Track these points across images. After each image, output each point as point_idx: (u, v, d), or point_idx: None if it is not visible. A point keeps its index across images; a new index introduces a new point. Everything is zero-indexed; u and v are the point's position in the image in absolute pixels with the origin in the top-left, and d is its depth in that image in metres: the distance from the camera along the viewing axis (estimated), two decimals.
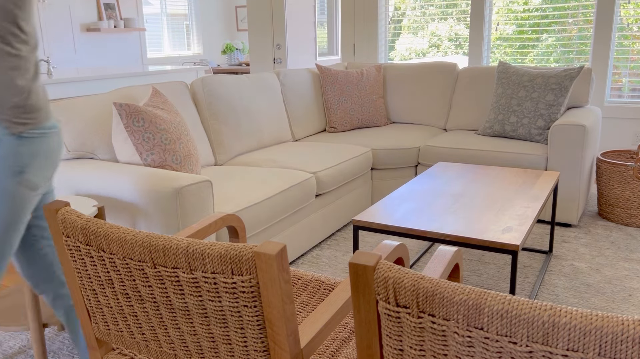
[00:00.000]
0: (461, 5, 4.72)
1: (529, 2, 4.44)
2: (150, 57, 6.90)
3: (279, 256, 0.87)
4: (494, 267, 2.76)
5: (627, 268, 2.69)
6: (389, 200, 2.38)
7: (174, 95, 2.94)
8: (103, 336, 1.20)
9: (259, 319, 0.93)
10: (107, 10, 6.18)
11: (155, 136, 2.26)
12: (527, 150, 3.27)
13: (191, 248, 0.93)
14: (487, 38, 4.63)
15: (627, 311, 2.31)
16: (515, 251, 1.88)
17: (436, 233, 2.01)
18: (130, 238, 0.99)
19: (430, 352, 0.77)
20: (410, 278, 0.75)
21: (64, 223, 1.09)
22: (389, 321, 0.79)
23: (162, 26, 7.13)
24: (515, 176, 2.72)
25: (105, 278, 1.08)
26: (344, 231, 3.31)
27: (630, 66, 4.14)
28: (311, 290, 1.62)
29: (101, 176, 2.15)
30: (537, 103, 3.43)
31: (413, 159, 3.54)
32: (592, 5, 4.18)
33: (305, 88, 3.94)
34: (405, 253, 1.28)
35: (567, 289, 2.50)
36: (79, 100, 2.45)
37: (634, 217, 3.24)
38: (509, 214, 2.17)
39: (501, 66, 3.69)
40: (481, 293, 0.70)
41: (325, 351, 1.33)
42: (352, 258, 0.81)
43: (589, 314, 0.64)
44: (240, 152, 3.28)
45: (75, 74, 4.09)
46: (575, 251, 2.91)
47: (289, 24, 5.17)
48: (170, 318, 1.03)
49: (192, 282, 0.95)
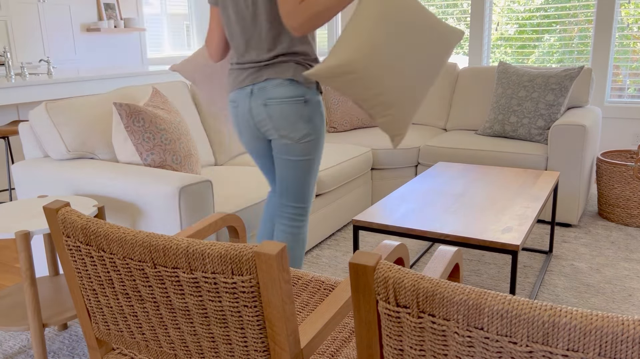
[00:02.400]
0: (461, 5, 4.72)
1: (529, 2, 4.44)
2: (151, 57, 6.90)
3: (279, 256, 0.87)
4: (494, 267, 2.76)
5: (627, 268, 2.69)
6: (389, 200, 2.38)
7: (174, 95, 2.95)
8: (103, 336, 1.20)
9: (259, 319, 0.93)
10: (107, 10, 6.18)
11: (155, 136, 2.26)
12: (527, 150, 3.27)
13: (191, 248, 0.93)
14: (487, 38, 4.64)
15: (627, 311, 2.31)
16: (515, 251, 1.88)
17: (436, 233, 2.01)
18: (130, 238, 0.99)
19: (430, 352, 0.77)
20: (410, 278, 0.75)
21: (64, 223, 1.09)
22: (389, 321, 0.79)
23: (162, 26, 7.13)
24: (515, 176, 2.72)
25: (105, 278, 1.08)
26: (344, 231, 3.31)
27: (631, 66, 4.14)
28: (311, 290, 1.62)
29: (101, 176, 2.15)
30: (537, 103, 3.43)
31: (413, 159, 3.54)
32: (592, 5, 4.18)
33: None
34: (405, 253, 1.28)
35: (567, 289, 2.50)
36: (79, 100, 2.45)
37: (634, 217, 3.24)
38: (509, 214, 2.17)
39: (501, 66, 3.69)
40: (481, 293, 0.70)
41: (325, 351, 1.33)
42: (352, 258, 0.81)
43: (589, 314, 0.64)
44: (241, 152, 3.28)
45: (75, 74, 4.09)
46: (575, 251, 2.91)
47: None
48: (170, 318, 1.03)
49: (192, 282, 0.95)
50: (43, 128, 2.34)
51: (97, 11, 6.15)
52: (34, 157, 2.50)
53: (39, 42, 5.59)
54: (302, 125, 1.83)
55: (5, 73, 3.85)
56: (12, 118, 3.86)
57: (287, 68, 1.81)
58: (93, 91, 4.03)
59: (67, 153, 2.35)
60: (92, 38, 6.13)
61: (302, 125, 1.83)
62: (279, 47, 1.80)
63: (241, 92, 1.88)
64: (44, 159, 2.43)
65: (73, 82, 3.89)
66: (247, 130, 1.93)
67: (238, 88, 1.89)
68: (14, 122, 3.56)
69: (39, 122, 2.34)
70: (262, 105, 1.82)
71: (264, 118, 1.84)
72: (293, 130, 1.83)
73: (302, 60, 1.83)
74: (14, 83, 3.49)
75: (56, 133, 2.33)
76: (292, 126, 1.83)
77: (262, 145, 1.96)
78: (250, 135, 1.94)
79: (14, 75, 3.87)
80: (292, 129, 1.83)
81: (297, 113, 1.81)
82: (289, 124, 1.82)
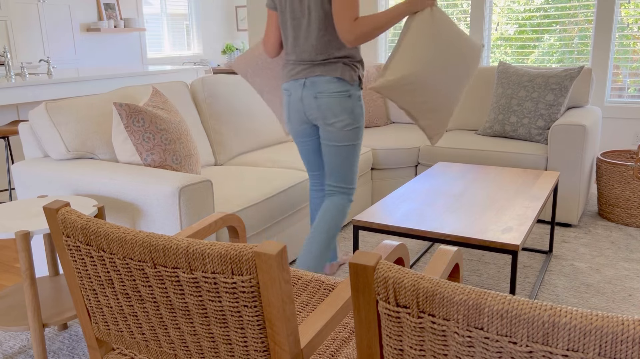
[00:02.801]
0: (461, 5, 4.71)
1: (529, 2, 4.44)
2: (151, 57, 6.90)
3: (279, 256, 0.87)
4: (494, 267, 2.76)
5: (627, 268, 2.69)
6: (389, 200, 2.38)
7: (174, 95, 2.95)
8: (103, 336, 1.20)
9: (259, 319, 0.93)
10: (107, 10, 6.18)
11: (155, 136, 2.26)
12: (527, 150, 3.27)
13: (191, 248, 0.93)
14: (487, 38, 4.64)
15: (627, 311, 2.31)
16: (515, 251, 1.88)
17: (436, 233, 2.02)
18: (130, 238, 0.99)
19: (430, 352, 0.77)
20: (410, 278, 0.75)
21: (64, 223, 1.09)
22: (389, 321, 0.79)
23: (162, 26, 7.13)
24: (515, 176, 2.72)
25: (105, 278, 1.08)
26: (344, 231, 3.31)
27: (631, 66, 4.14)
28: (311, 290, 1.62)
29: (101, 176, 2.15)
30: (537, 103, 3.43)
31: (413, 159, 3.54)
32: (592, 5, 4.19)
33: None
34: (405, 253, 1.28)
35: (567, 289, 2.50)
36: (79, 100, 2.45)
37: (634, 217, 3.24)
38: (509, 214, 2.17)
39: (501, 66, 3.69)
40: (481, 293, 0.70)
41: (325, 351, 1.33)
42: (352, 258, 0.81)
43: (589, 314, 0.64)
44: (240, 152, 3.28)
45: (75, 74, 4.09)
46: (575, 251, 2.91)
47: None
48: (170, 318, 1.03)
49: (192, 282, 0.95)
50: (43, 128, 2.34)
51: (97, 11, 6.15)
52: (34, 157, 2.50)
53: (39, 42, 5.59)
54: (346, 115, 2.18)
55: (5, 73, 3.85)
56: (12, 118, 3.86)
57: (335, 68, 2.16)
58: (93, 91, 4.03)
59: (67, 153, 2.35)
60: (92, 38, 6.13)
61: (345, 116, 2.18)
62: (329, 50, 2.16)
63: (295, 83, 2.23)
64: (43, 159, 2.43)
65: (73, 82, 3.88)
66: (296, 114, 2.29)
67: (292, 80, 2.24)
68: (14, 122, 3.56)
69: (39, 122, 2.34)
70: (312, 97, 2.19)
71: (313, 107, 2.20)
72: (337, 119, 2.18)
73: (348, 61, 2.18)
74: (14, 83, 3.49)
75: (56, 133, 2.33)
76: (337, 116, 2.18)
77: (307, 127, 2.32)
78: (298, 118, 2.29)
79: (14, 75, 3.87)
80: (337, 119, 2.18)
81: (341, 105, 2.17)
82: (334, 114, 2.18)
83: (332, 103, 2.16)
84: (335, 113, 2.17)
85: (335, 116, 2.18)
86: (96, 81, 4.05)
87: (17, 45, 5.39)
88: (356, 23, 2.03)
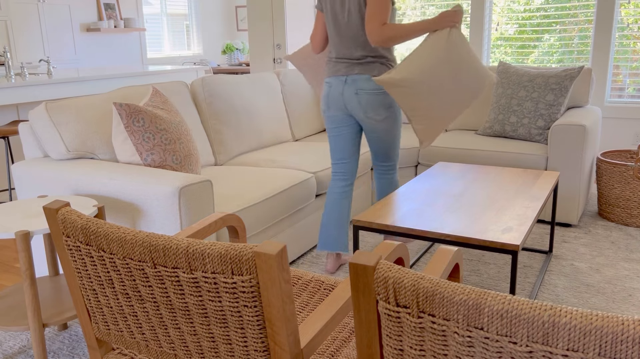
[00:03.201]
0: (462, 5, 4.71)
1: (529, 2, 4.44)
2: (151, 57, 6.90)
3: (279, 256, 0.87)
4: (494, 267, 2.76)
5: (627, 268, 2.69)
6: (389, 200, 2.38)
7: (174, 95, 2.95)
8: (103, 336, 1.20)
9: (259, 319, 0.93)
10: (107, 10, 6.18)
11: (155, 136, 2.26)
12: (527, 150, 3.27)
13: (191, 248, 0.93)
14: (487, 38, 4.63)
15: (627, 311, 2.31)
16: (515, 251, 1.88)
17: (436, 233, 2.02)
18: (130, 238, 0.99)
19: (430, 352, 0.77)
20: (410, 278, 0.75)
21: (64, 223, 1.09)
22: (389, 321, 0.79)
23: (162, 26, 7.13)
24: (515, 176, 2.72)
25: (105, 278, 1.08)
26: None
27: (631, 66, 4.14)
28: (311, 290, 1.62)
29: (101, 176, 2.15)
30: (537, 103, 3.43)
31: (413, 159, 3.54)
32: (592, 5, 4.18)
33: (306, 89, 3.94)
34: (405, 253, 1.28)
35: (567, 289, 2.50)
36: (79, 100, 2.45)
37: (634, 217, 3.24)
38: (509, 214, 2.17)
39: (501, 66, 3.69)
40: (481, 293, 0.70)
41: (325, 351, 1.33)
42: (352, 258, 0.81)
43: (589, 314, 0.64)
44: (240, 152, 3.28)
45: (75, 74, 4.09)
46: (575, 251, 2.91)
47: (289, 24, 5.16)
48: (170, 318, 1.03)
49: (192, 282, 0.95)
50: (43, 128, 2.34)
51: (97, 11, 6.15)
52: (34, 156, 2.50)
53: (39, 42, 5.59)
54: (383, 110, 2.48)
55: (5, 73, 3.85)
56: (12, 118, 3.86)
57: (373, 67, 2.44)
58: (93, 91, 4.03)
59: (67, 153, 2.35)
60: (92, 38, 6.13)
61: (383, 110, 2.48)
62: (367, 50, 2.43)
63: (336, 79, 2.50)
64: (44, 159, 2.43)
65: (73, 82, 3.89)
66: (334, 104, 2.54)
67: (334, 75, 2.51)
68: (14, 122, 3.56)
69: (39, 122, 2.34)
70: (353, 93, 2.46)
71: (354, 102, 2.47)
72: (376, 113, 2.47)
73: (384, 61, 2.47)
74: (14, 83, 3.49)
75: (56, 133, 2.33)
76: (376, 111, 2.47)
77: (342, 115, 2.56)
78: (336, 108, 2.54)
79: (14, 75, 3.87)
80: (376, 113, 2.47)
81: (379, 101, 2.45)
82: (373, 109, 2.47)
83: (372, 100, 2.44)
84: (374, 109, 2.46)
85: (374, 111, 2.46)
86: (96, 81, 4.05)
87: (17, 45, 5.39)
88: (384, 27, 2.28)
